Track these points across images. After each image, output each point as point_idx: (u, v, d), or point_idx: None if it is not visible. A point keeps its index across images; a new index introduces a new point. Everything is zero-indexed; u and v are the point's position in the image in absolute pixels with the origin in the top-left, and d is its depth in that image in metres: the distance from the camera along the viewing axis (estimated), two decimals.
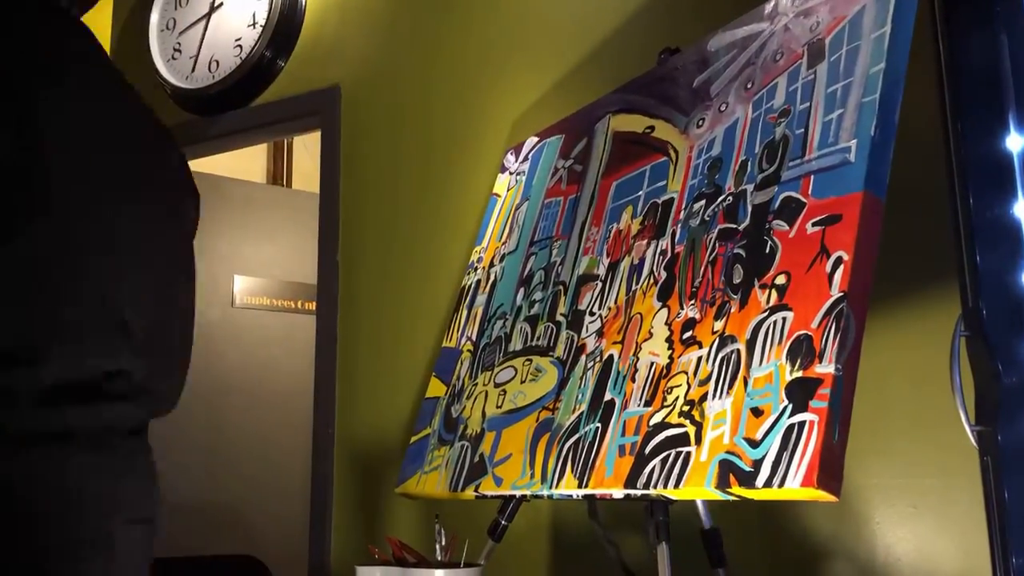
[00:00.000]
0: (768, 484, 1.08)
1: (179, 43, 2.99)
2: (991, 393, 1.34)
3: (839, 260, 1.15)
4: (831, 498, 1.05)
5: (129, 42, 3.21)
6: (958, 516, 1.73)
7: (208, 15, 2.96)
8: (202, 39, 2.94)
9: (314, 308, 2.79)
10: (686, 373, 1.30)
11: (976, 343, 1.36)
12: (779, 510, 1.91)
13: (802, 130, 1.31)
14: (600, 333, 1.54)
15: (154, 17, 3.05)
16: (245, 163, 3.85)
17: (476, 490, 1.62)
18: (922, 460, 1.79)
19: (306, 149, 4.00)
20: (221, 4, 2.93)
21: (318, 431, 2.55)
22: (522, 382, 1.67)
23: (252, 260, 3.54)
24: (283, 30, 2.78)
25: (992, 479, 1.33)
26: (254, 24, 2.83)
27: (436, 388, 1.96)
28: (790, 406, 1.11)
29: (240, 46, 2.83)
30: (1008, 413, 1.33)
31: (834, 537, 1.87)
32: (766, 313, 1.22)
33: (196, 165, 1.74)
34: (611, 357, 1.47)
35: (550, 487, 1.45)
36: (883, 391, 1.82)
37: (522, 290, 1.83)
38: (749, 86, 1.47)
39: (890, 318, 1.83)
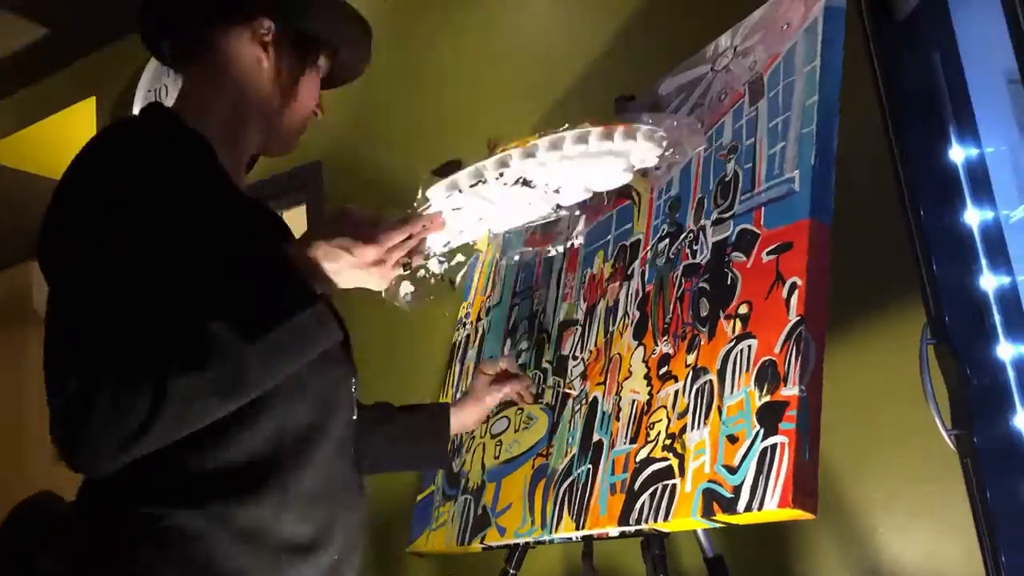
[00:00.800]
0: (748, 508, 1.12)
1: None
2: (963, 397, 1.39)
3: (794, 286, 1.20)
4: (809, 516, 1.09)
5: None
6: (959, 519, 1.76)
7: None
8: None
9: None
10: (665, 407, 1.35)
11: (943, 350, 1.41)
12: (784, 532, 1.93)
13: (750, 164, 1.38)
14: (584, 376, 1.59)
15: (136, 110, 3.15)
16: None
17: (482, 542, 1.66)
18: (918, 467, 1.83)
19: (291, 224, 4.07)
20: None
21: None
22: (516, 431, 1.72)
23: None
24: None
25: (973, 480, 1.37)
26: None
27: None
28: (762, 430, 1.15)
29: None
30: (981, 415, 1.37)
31: (841, 553, 1.90)
32: (733, 342, 1.27)
33: None
34: (596, 399, 1.52)
35: (550, 532, 1.49)
36: (870, 406, 1.86)
37: (509, 341, 1.89)
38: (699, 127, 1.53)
39: (869, 334, 1.88)
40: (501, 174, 1.14)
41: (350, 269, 1.03)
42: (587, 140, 1.14)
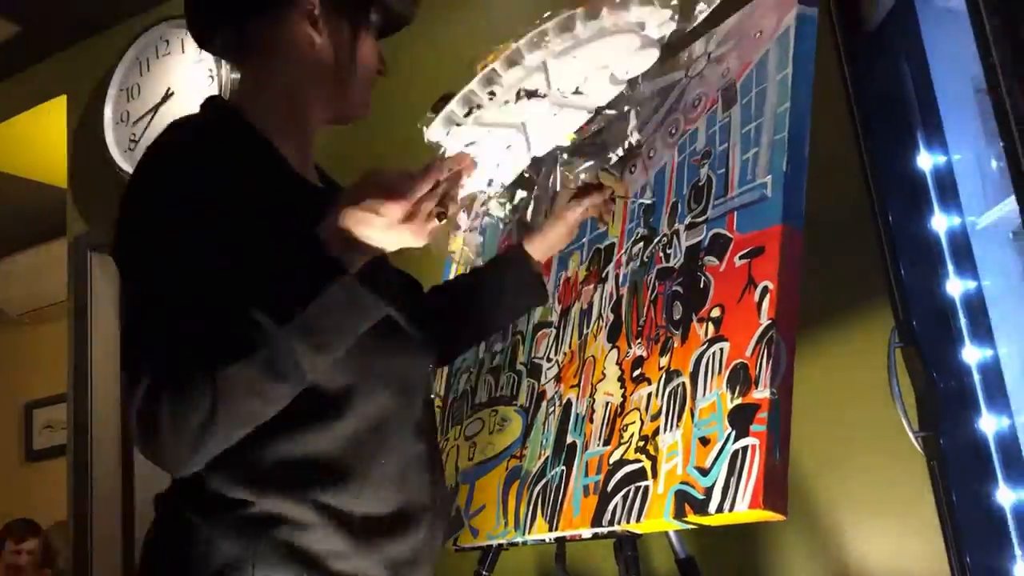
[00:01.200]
0: (720, 510, 1.14)
1: (134, 134, 3.06)
2: (930, 400, 1.41)
3: (765, 290, 1.22)
4: (779, 517, 1.11)
5: (86, 138, 3.28)
6: (925, 519, 1.78)
7: (160, 103, 3.04)
8: (150, 127, 3.01)
9: None
10: (639, 410, 1.36)
11: (910, 353, 1.43)
12: (753, 532, 1.96)
13: (723, 170, 1.39)
14: (558, 378, 1.60)
15: (108, 111, 3.13)
16: None
17: (455, 543, 1.66)
18: (885, 467, 1.85)
19: None
20: (172, 94, 3.02)
21: None
22: (490, 433, 1.72)
23: None
24: None
25: (940, 482, 1.39)
26: None
27: None
28: (733, 432, 1.17)
29: None
30: (947, 417, 1.40)
31: (809, 554, 1.92)
32: (705, 345, 1.28)
33: None
34: (569, 401, 1.53)
35: (524, 533, 1.50)
36: (839, 402, 1.89)
37: (483, 343, 1.89)
38: (673, 132, 1.55)
39: (836, 336, 1.91)
40: (492, 93, 1.08)
41: (383, 230, 0.99)
42: (593, 19, 1.06)
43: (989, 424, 1.38)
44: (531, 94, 1.09)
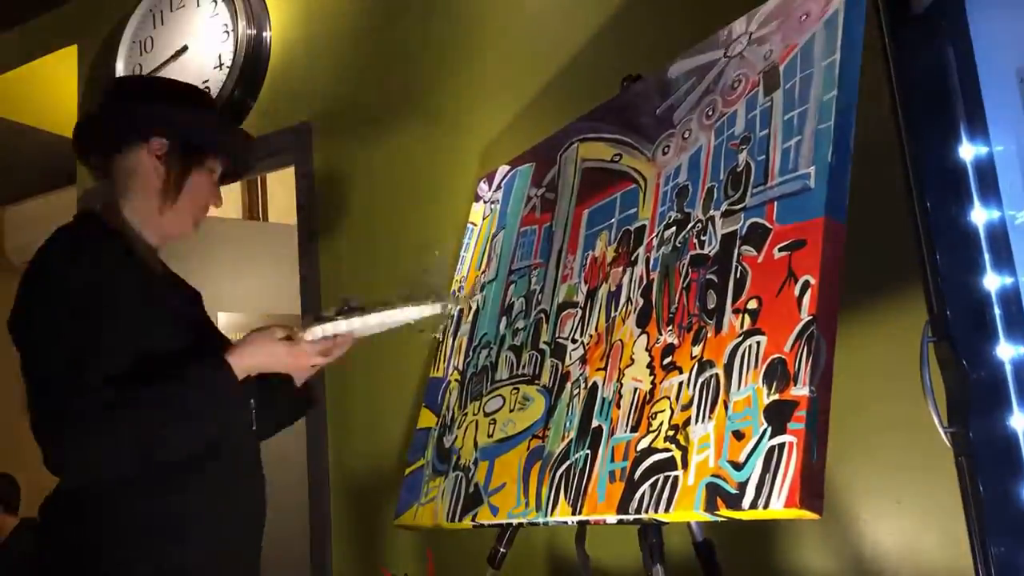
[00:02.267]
0: (754, 506, 1.13)
1: None
2: (961, 395, 1.40)
3: (806, 284, 1.20)
4: (815, 516, 1.10)
5: (96, 92, 3.23)
6: (940, 509, 1.79)
7: (174, 58, 2.98)
8: None
9: None
10: (669, 398, 1.35)
11: (943, 348, 1.41)
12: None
13: (763, 157, 1.36)
14: (583, 360, 1.58)
15: (119, 65, 3.07)
16: None
17: (473, 520, 1.66)
18: (903, 456, 1.85)
19: (280, 183, 4.02)
20: (186, 48, 2.96)
21: (312, 465, 2.58)
22: (511, 411, 1.71)
23: (234, 296, 3.55)
24: (250, 71, 2.81)
25: (967, 478, 1.38)
26: (220, 66, 2.85)
27: (427, 419, 2.00)
28: (769, 428, 1.16)
29: (208, 88, 2.85)
30: (978, 414, 1.38)
31: (823, 536, 1.92)
32: (741, 337, 1.27)
33: None
34: (595, 384, 1.52)
35: (545, 515, 1.49)
36: (861, 390, 1.87)
37: (504, 319, 1.87)
38: (710, 113, 1.52)
39: (864, 319, 1.89)
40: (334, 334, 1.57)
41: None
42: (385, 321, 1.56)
43: (1020, 422, 1.37)
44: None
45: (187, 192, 1.60)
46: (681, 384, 1.33)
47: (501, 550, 1.71)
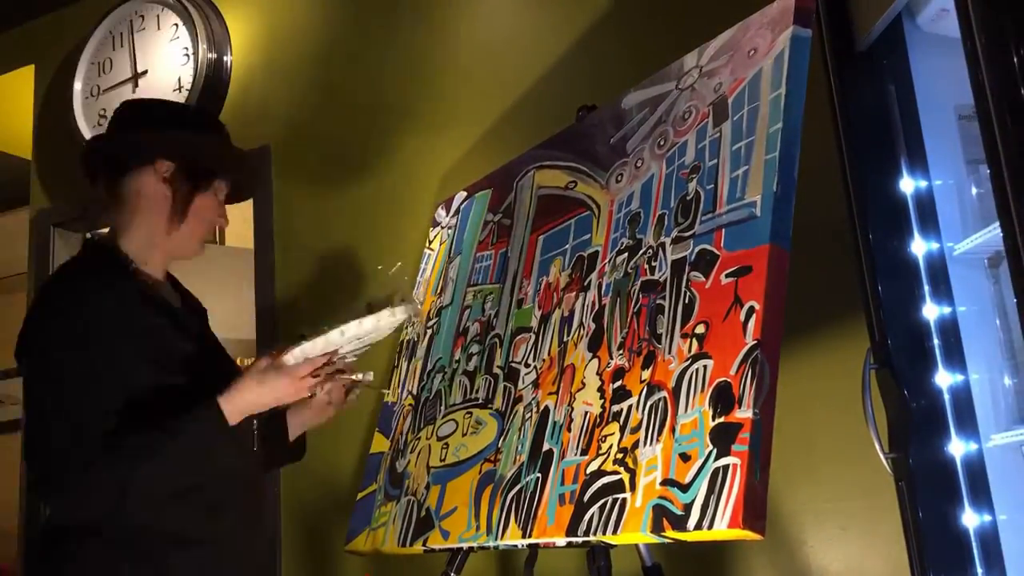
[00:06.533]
0: (699, 527, 1.15)
1: (104, 109, 2.99)
2: (901, 421, 1.44)
3: (751, 309, 1.23)
4: (757, 537, 1.12)
5: (53, 112, 3.20)
6: (884, 535, 1.83)
7: (133, 80, 2.97)
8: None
9: None
10: (618, 421, 1.37)
11: (885, 375, 1.46)
12: (717, 542, 1.97)
13: (712, 185, 1.40)
14: (536, 384, 1.60)
15: (77, 86, 3.05)
16: None
17: (424, 544, 1.66)
18: (848, 483, 1.89)
19: (237, 206, 4.00)
20: (145, 71, 2.95)
21: None
22: (463, 435, 1.72)
23: None
24: (210, 94, 2.81)
25: (907, 502, 1.42)
26: (180, 88, 2.85)
27: (380, 443, 1.99)
28: (714, 450, 1.18)
29: None
30: (917, 440, 1.42)
31: (770, 563, 1.95)
32: (688, 361, 1.29)
33: None
34: (547, 408, 1.53)
35: (496, 538, 1.50)
36: (807, 418, 1.91)
37: (460, 343, 1.89)
38: (662, 143, 1.56)
39: (809, 347, 1.93)
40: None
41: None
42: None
43: (958, 448, 1.41)
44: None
45: (194, 213, 1.63)
46: (630, 407, 1.35)
47: (451, 574, 1.71)
